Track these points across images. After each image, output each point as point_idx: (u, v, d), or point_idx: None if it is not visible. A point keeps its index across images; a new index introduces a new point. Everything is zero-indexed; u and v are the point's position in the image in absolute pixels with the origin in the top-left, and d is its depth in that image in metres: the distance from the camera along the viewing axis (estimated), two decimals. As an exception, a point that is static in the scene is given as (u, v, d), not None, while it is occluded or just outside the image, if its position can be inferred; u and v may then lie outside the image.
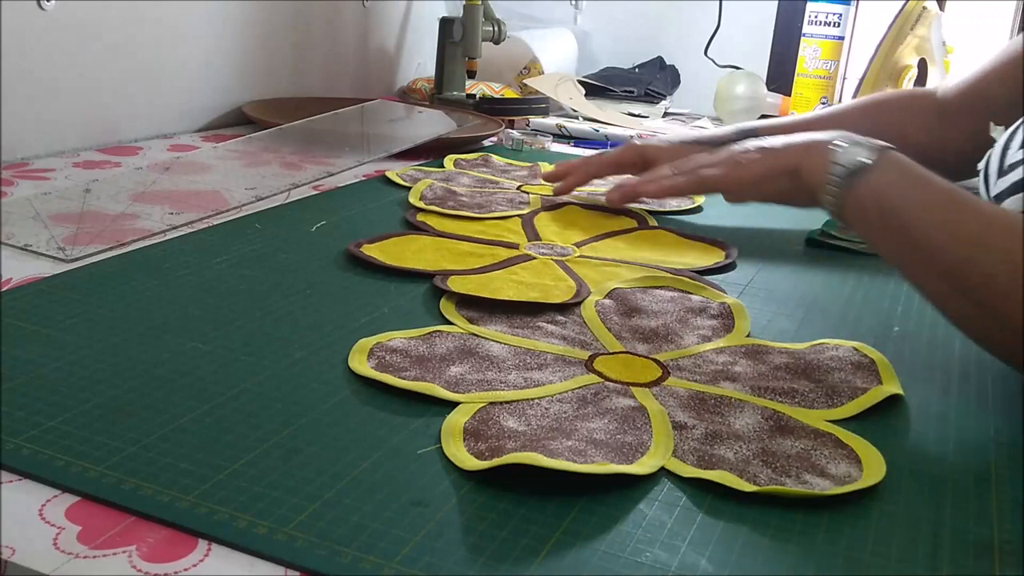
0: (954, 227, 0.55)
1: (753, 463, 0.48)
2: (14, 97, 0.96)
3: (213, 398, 0.51)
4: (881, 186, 0.58)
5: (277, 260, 0.74)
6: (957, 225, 0.55)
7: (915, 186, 0.58)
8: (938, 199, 0.57)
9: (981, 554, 0.42)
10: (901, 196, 0.57)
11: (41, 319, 0.59)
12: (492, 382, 0.54)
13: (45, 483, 0.42)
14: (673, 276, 0.75)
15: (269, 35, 1.31)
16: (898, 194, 0.57)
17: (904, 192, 0.57)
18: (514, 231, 0.86)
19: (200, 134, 1.21)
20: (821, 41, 1.46)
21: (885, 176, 0.58)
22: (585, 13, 1.90)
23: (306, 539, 0.39)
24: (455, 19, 1.47)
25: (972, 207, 0.56)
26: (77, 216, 0.79)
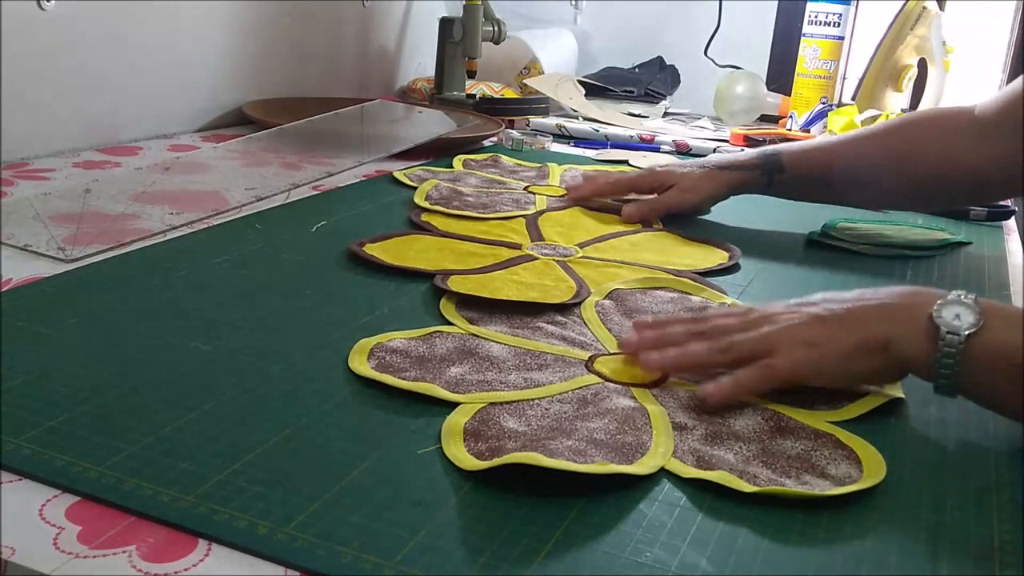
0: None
1: (753, 464, 0.48)
2: (14, 97, 0.96)
3: (213, 398, 0.51)
4: (998, 343, 0.52)
5: (277, 260, 0.74)
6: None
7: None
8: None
9: (981, 554, 0.42)
10: (1020, 347, 0.51)
11: (41, 319, 0.59)
12: (492, 382, 0.54)
13: (45, 483, 0.42)
14: (673, 277, 0.75)
15: (269, 35, 1.31)
16: (1016, 347, 0.51)
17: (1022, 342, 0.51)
18: (518, 231, 0.86)
19: (200, 134, 1.21)
20: (821, 41, 1.46)
21: (996, 332, 0.52)
22: (585, 13, 1.90)
23: (306, 539, 0.39)
24: (455, 19, 1.47)
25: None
26: (77, 216, 0.79)
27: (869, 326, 0.55)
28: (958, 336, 0.52)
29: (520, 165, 1.14)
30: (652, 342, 0.58)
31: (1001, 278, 0.84)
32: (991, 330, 0.52)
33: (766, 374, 0.54)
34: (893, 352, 0.54)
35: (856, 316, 0.56)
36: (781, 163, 0.88)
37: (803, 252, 0.88)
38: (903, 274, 0.83)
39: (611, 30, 1.88)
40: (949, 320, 0.52)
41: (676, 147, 1.33)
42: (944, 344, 0.52)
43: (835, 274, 0.82)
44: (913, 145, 0.84)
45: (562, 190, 1.02)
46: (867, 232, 0.94)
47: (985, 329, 0.52)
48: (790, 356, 0.54)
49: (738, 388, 0.54)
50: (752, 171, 0.88)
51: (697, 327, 0.59)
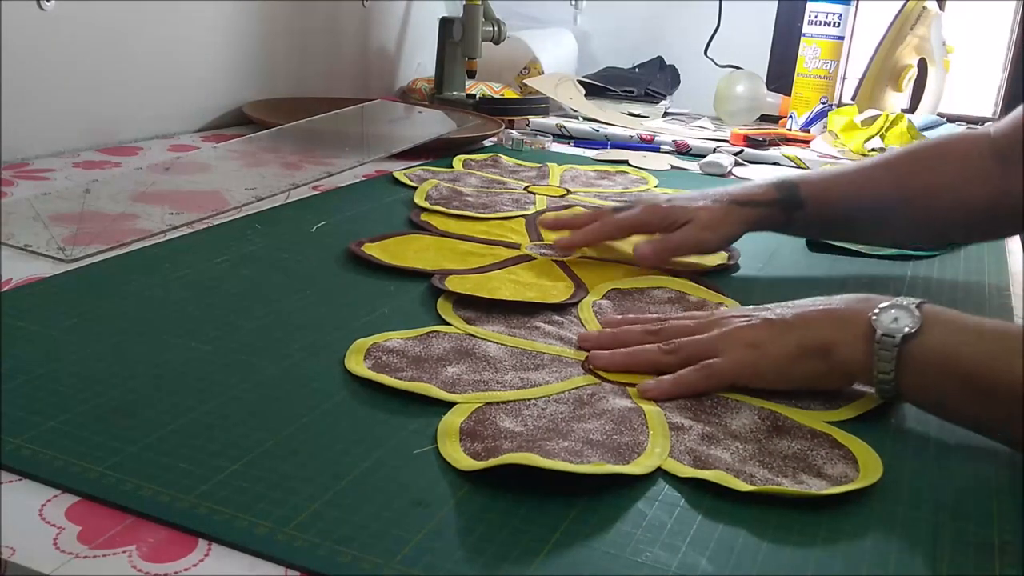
0: None
1: (750, 463, 0.48)
2: (14, 97, 0.96)
3: (213, 398, 0.51)
4: (936, 348, 0.51)
5: (277, 260, 0.74)
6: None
7: (968, 336, 0.52)
8: (997, 342, 0.51)
9: (981, 554, 0.42)
10: (958, 352, 0.51)
11: (41, 319, 0.59)
12: (489, 382, 0.55)
13: (45, 483, 0.42)
14: (672, 278, 0.75)
15: (269, 35, 1.31)
16: (955, 352, 0.51)
17: (960, 347, 0.51)
18: (517, 231, 0.86)
19: (200, 134, 1.21)
20: (821, 41, 1.46)
21: (935, 336, 0.51)
22: (585, 13, 1.90)
23: (306, 539, 0.39)
24: (455, 19, 1.47)
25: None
26: (77, 216, 0.79)
27: (811, 329, 0.55)
28: (893, 339, 0.51)
29: (520, 165, 1.14)
30: (607, 341, 0.60)
31: (1001, 278, 0.84)
32: (930, 334, 0.51)
33: (705, 375, 0.55)
34: (835, 357, 0.54)
35: (801, 319, 0.56)
36: (800, 198, 0.79)
37: (803, 252, 0.88)
38: (903, 274, 0.83)
39: (611, 30, 1.88)
40: (887, 323, 0.52)
41: (676, 147, 1.33)
42: (880, 347, 0.52)
43: (835, 274, 0.82)
44: (933, 176, 0.78)
45: (562, 190, 1.02)
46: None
47: (923, 333, 0.51)
48: (731, 357, 0.55)
49: (677, 387, 0.55)
50: (771, 208, 0.79)
51: (653, 327, 0.60)
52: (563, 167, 1.14)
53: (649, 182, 1.11)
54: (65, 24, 1.00)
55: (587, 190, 1.04)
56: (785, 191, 0.79)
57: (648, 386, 0.55)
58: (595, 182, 1.09)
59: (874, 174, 0.80)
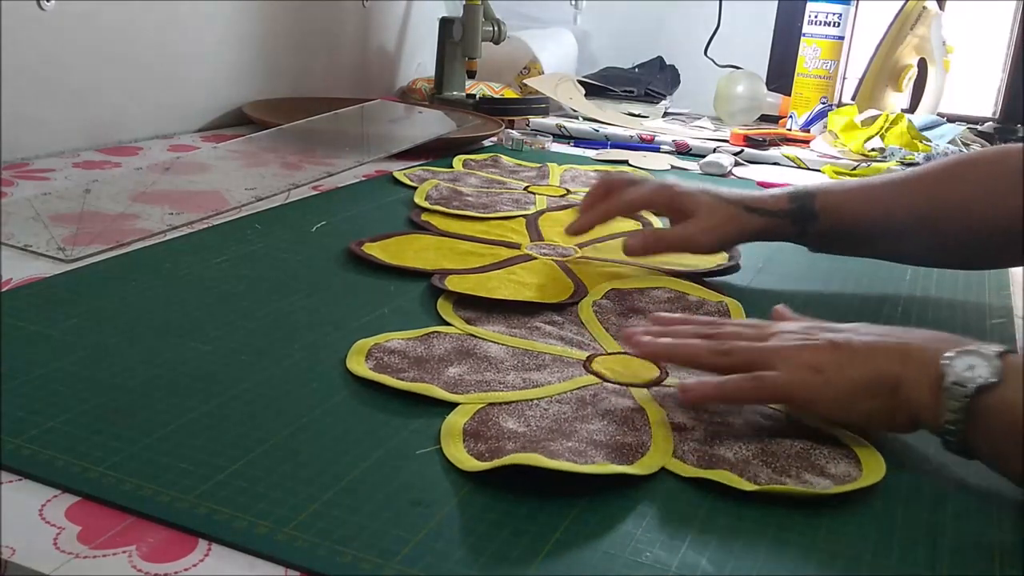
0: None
1: (753, 463, 0.48)
2: (14, 97, 0.96)
3: (213, 398, 0.51)
4: (1015, 404, 0.45)
5: (277, 260, 0.74)
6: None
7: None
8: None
9: (981, 554, 0.42)
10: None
11: (41, 319, 0.59)
12: (491, 383, 0.55)
13: (45, 483, 0.42)
14: (672, 278, 0.75)
15: (269, 35, 1.31)
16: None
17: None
18: (518, 231, 0.86)
19: (200, 134, 1.21)
20: (821, 41, 1.46)
21: (1016, 390, 0.46)
22: (585, 13, 1.90)
23: (306, 539, 0.39)
24: (455, 19, 1.47)
25: None
26: (77, 216, 0.79)
27: (880, 363, 0.50)
28: (964, 388, 0.46)
29: (520, 165, 1.14)
30: (654, 333, 0.56)
31: (1001, 278, 0.84)
32: (1009, 387, 0.45)
33: (756, 385, 0.51)
34: (902, 396, 0.49)
35: (869, 350, 0.51)
36: (814, 210, 0.74)
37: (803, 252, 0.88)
38: (903, 275, 0.83)
39: (611, 30, 1.88)
40: (959, 370, 0.47)
41: (676, 147, 1.33)
42: (948, 395, 0.47)
43: (835, 274, 0.82)
44: (957, 192, 0.72)
45: (562, 190, 1.02)
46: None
47: (1002, 385, 0.46)
48: (789, 375, 0.51)
49: (721, 391, 0.51)
50: (781, 218, 0.75)
51: (706, 329, 0.56)
52: (563, 167, 1.14)
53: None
54: (65, 24, 1.00)
55: (587, 190, 1.04)
56: (799, 201, 0.75)
57: (689, 384, 0.51)
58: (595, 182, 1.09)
59: (897, 188, 0.75)
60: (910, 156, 1.25)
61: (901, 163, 1.24)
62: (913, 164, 1.23)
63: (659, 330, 0.57)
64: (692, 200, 0.75)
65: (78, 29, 1.02)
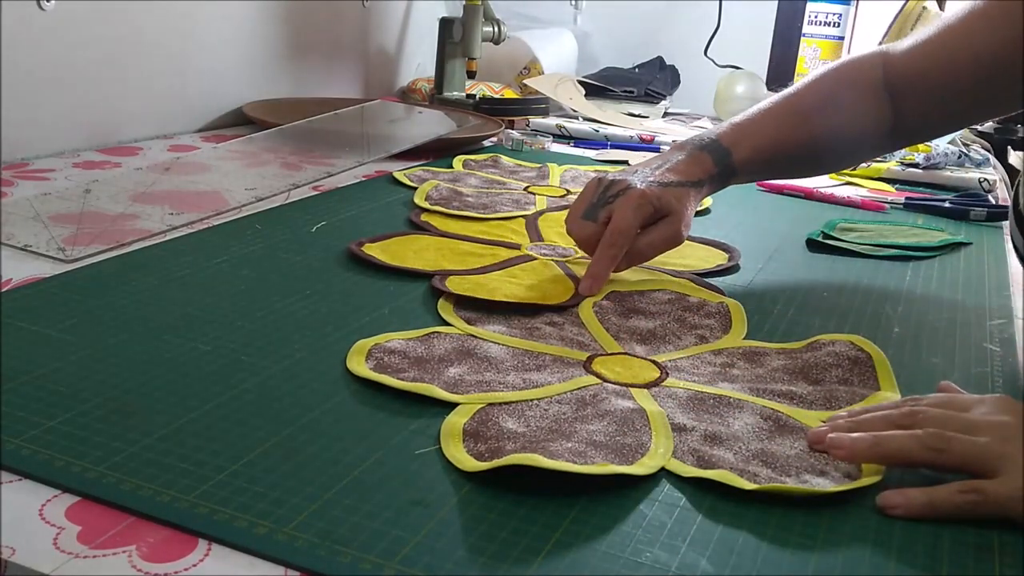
0: None
1: (753, 463, 0.48)
2: (14, 97, 0.96)
3: (213, 398, 0.51)
4: None
5: (277, 260, 0.74)
6: None
7: None
8: None
9: (981, 554, 0.42)
10: None
11: (41, 319, 0.59)
12: (491, 383, 0.54)
13: (45, 483, 0.42)
14: (672, 278, 0.75)
15: (269, 35, 1.31)
16: None
17: None
18: (518, 232, 0.86)
19: (200, 134, 1.21)
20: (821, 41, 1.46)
21: None
22: (585, 13, 1.90)
23: (306, 539, 0.39)
24: (455, 19, 1.47)
25: None
26: (77, 216, 0.79)
27: None
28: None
29: (520, 165, 1.14)
30: (846, 427, 0.50)
31: (1001, 278, 0.84)
32: None
33: (972, 502, 0.45)
34: None
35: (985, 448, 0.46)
36: (734, 166, 0.79)
37: (803, 252, 0.88)
38: (903, 274, 0.83)
39: (611, 30, 1.88)
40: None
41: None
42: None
43: (835, 275, 0.82)
44: (831, 116, 0.80)
45: (562, 191, 1.02)
46: (867, 232, 0.94)
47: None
48: (1011, 484, 0.45)
49: (931, 511, 0.45)
50: (714, 183, 0.79)
51: (896, 415, 0.50)
52: (563, 167, 1.14)
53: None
54: (65, 24, 1.00)
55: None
56: (721, 164, 0.78)
57: (895, 501, 0.45)
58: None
59: (786, 122, 0.81)
60: (910, 156, 1.25)
61: (901, 163, 1.24)
62: (913, 164, 1.23)
63: (846, 423, 0.51)
64: (662, 201, 0.73)
65: (78, 29, 1.02)
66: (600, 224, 0.73)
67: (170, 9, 1.13)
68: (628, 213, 0.72)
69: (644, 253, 0.74)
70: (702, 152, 0.79)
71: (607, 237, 0.72)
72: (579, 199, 0.76)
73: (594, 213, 0.74)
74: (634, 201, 0.72)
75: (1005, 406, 0.50)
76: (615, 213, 0.72)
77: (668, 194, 0.74)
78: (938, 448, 0.47)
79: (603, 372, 0.57)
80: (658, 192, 0.74)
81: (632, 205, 0.72)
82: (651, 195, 0.73)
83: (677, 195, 0.75)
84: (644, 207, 0.72)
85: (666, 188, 0.74)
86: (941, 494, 0.45)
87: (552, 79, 1.55)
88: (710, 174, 0.78)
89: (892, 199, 1.09)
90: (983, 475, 0.46)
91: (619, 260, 0.72)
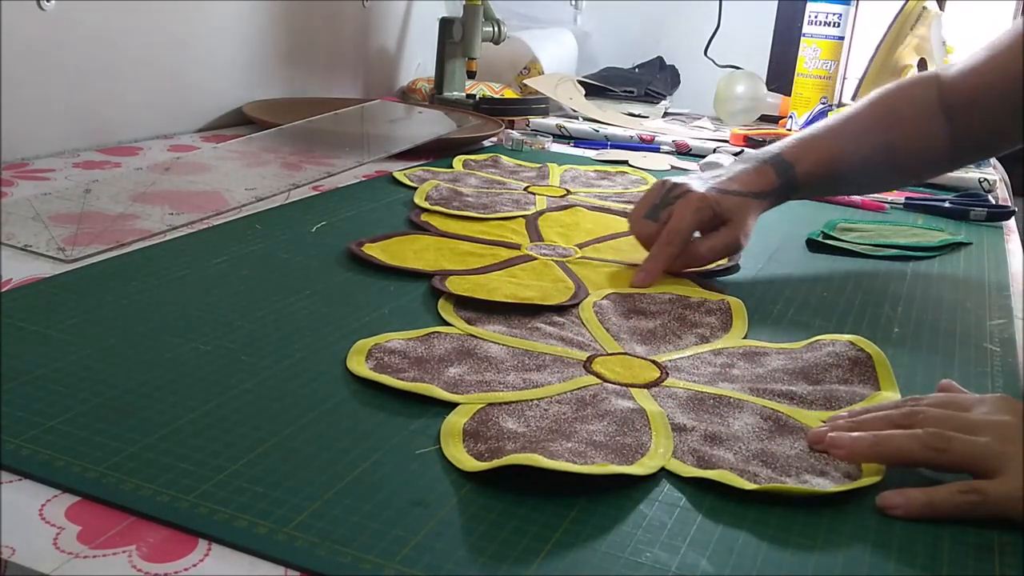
0: None
1: (753, 463, 0.48)
2: (14, 97, 0.96)
3: (213, 398, 0.51)
4: None
5: (277, 260, 0.74)
6: None
7: None
8: None
9: (981, 554, 0.42)
10: None
11: (41, 319, 0.59)
12: (491, 383, 0.54)
13: (45, 483, 0.42)
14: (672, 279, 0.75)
15: (269, 35, 1.31)
16: None
17: None
18: (517, 232, 0.86)
19: (200, 134, 1.21)
20: (821, 41, 1.46)
21: None
22: (585, 13, 1.90)
23: (306, 539, 0.39)
24: (455, 19, 1.47)
25: None
26: (77, 216, 0.79)
27: None
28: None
29: (520, 165, 1.14)
30: (846, 426, 0.50)
31: (1001, 278, 0.84)
32: None
33: (971, 502, 0.45)
34: None
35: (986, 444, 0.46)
36: (797, 181, 0.80)
37: (803, 252, 0.88)
38: (903, 274, 0.83)
39: (611, 30, 1.88)
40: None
41: (676, 147, 1.33)
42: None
43: (835, 275, 0.82)
44: (890, 136, 0.83)
45: (562, 191, 1.02)
46: (867, 232, 0.94)
47: None
48: (1012, 484, 0.45)
49: (931, 511, 0.45)
50: (776, 196, 0.80)
51: (896, 415, 0.50)
52: (563, 167, 1.14)
53: (649, 182, 1.11)
54: (65, 24, 1.00)
55: (587, 190, 1.04)
56: (784, 176, 0.80)
57: (895, 501, 0.45)
58: (595, 182, 1.09)
59: (848, 138, 0.83)
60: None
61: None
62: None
63: (846, 423, 0.51)
64: (722, 206, 0.76)
65: (78, 29, 1.02)
66: (660, 224, 0.76)
67: (170, 9, 1.13)
68: (686, 214, 0.75)
69: (704, 257, 0.77)
70: (765, 165, 0.81)
71: (664, 235, 0.75)
72: (641, 201, 0.80)
73: (655, 213, 0.77)
74: (693, 204, 0.75)
75: (1005, 406, 0.50)
76: (674, 213, 0.76)
77: (728, 201, 0.77)
78: (938, 448, 0.47)
79: (603, 372, 0.57)
80: (718, 197, 0.76)
81: (692, 207, 0.75)
82: (711, 199, 0.76)
83: (738, 204, 0.77)
84: (703, 210, 0.75)
85: (727, 195, 0.77)
86: (941, 494, 0.45)
87: (552, 79, 1.55)
88: (772, 187, 0.80)
89: (892, 199, 1.09)
90: (983, 475, 0.46)
91: (674, 259, 0.75)
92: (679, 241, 0.75)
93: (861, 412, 0.52)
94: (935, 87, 0.83)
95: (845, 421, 0.51)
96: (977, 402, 0.51)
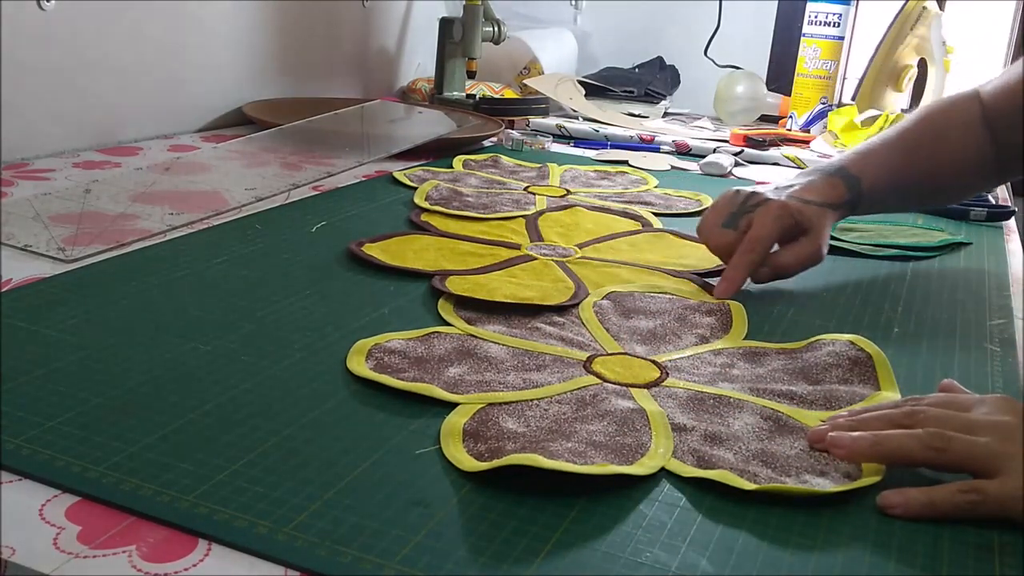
0: None
1: (753, 463, 0.48)
2: (14, 97, 0.96)
3: (213, 398, 0.51)
4: None
5: (277, 260, 0.74)
6: None
7: None
8: None
9: (981, 554, 0.42)
10: None
11: (41, 319, 0.59)
12: (491, 383, 0.54)
13: (45, 483, 0.42)
14: (672, 279, 0.75)
15: (269, 35, 1.31)
16: None
17: None
18: (518, 232, 0.86)
19: (200, 134, 1.21)
20: (821, 41, 1.46)
21: None
22: (585, 13, 1.90)
23: (306, 539, 0.39)
24: (455, 19, 1.47)
25: None
26: (77, 216, 0.79)
27: None
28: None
29: (520, 165, 1.14)
30: (846, 426, 0.50)
31: (1001, 278, 0.84)
32: None
33: (971, 502, 0.45)
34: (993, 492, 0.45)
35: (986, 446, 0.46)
36: (862, 195, 0.80)
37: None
38: (903, 274, 0.83)
39: (611, 30, 1.88)
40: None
41: (676, 147, 1.33)
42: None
43: (835, 274, 0.82)
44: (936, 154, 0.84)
45: (562, 191, 1.02)
46: (867, 232, 0.94)
47: None
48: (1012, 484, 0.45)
49: (931, 511, 0.45)
50: (847, 208, 0.80)
51: (897, 415, 0.50)
52: (563, 167, 1.14)
53: (649, 182, 1.11)
54: (65, 24, 1.00)
55: (587, 190, 1.04)
56: (853, 190, 0.79)
57: (894, 501, 0.45)
58: (595, 182, 1.09)
59: (903, 154, 0.83)
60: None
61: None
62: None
63: (847, 423, 0.51)
64: (803, 215, 0.75)
65: (78, 29, 1.02)
66: (740, 232, 0.75)
67: (170, 9, 1.13)
68: (768, 222, 0.74)
69: (788, 266, 0.75)
70: (834, 177, 0.80)
71: (746, 243, 0.74)
72: (713, 210, 0.78)
73: (734, 222, 0.76)
74: (774, 212, 0.74)
75: (1005, 406, 0.50)
76: (755, 221, 0.74)
77: (809, 210, 0.76)
78: (938, 448, 0.47)
79: (603, 372, 0.57)
80: (799, 207, 0.76)
81: (773, 215, 0.74)
82: (792, 208, 0.75)
83: (817, 213, 0.76)
84: (784, 218, 0.74)
85: (807, 205, 0.76)
86: (941, 494, 0.45)
87: (552, 79, 1.56)
88: (843, 199, 0.79)
89: (892, 199, 1.09)
90: (983, 475, 0.46)
91: (756, 267, 0.74)
92: (761, 249, 0.73)
93: (861, 412, 0.52)
94: (977, 103, 0.84)
95: (845, 420, 0.51)
96: (977, 402, 0.51)
